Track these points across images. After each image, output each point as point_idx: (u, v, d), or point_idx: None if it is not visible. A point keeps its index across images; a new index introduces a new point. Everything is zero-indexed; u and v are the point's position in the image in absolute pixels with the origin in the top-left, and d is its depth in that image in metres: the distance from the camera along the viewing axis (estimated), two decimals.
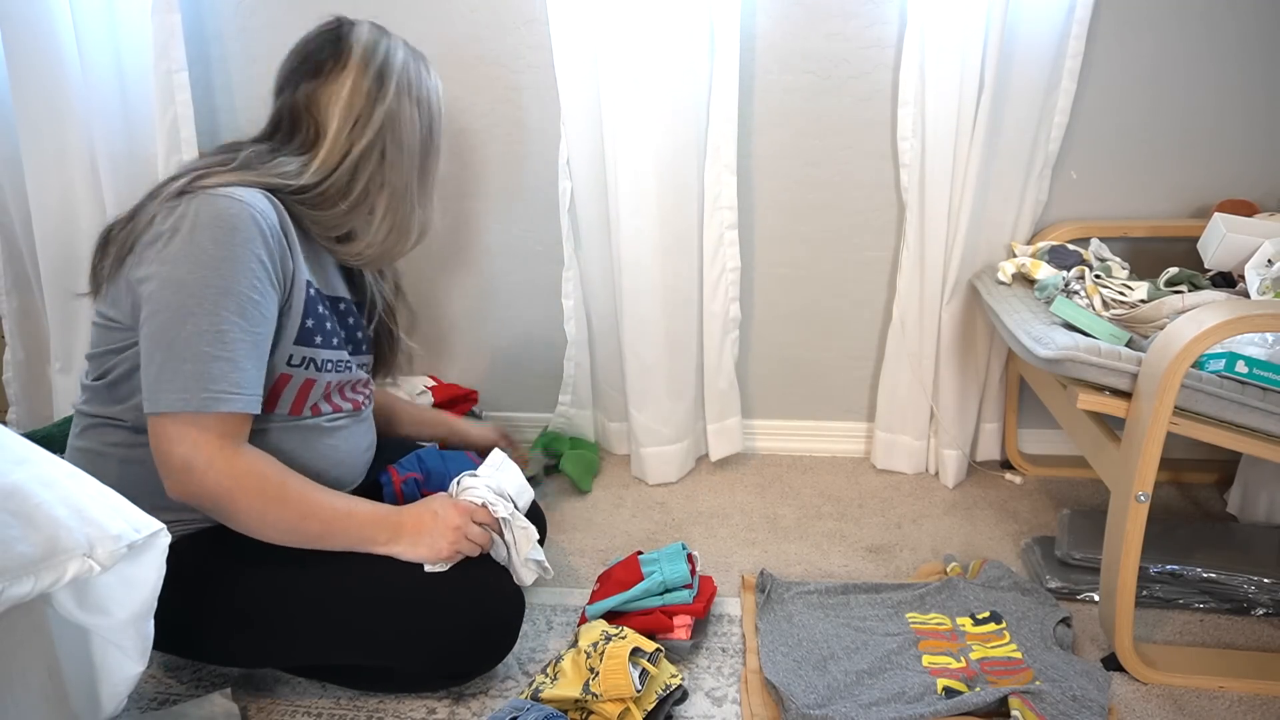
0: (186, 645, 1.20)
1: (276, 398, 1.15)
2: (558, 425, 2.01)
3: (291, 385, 1.16)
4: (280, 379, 1.15)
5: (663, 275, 1.76)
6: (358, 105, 1.19)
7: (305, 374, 1.17)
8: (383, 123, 1.20)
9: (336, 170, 1.18)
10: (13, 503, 0.79)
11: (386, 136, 1.20)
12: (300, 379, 1.17)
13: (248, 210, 1.05)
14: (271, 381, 1.14)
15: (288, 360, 1.15)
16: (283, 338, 1.13)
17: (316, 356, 1.18)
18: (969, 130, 1.62)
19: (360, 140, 1.19)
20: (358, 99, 1.19)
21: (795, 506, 1.79)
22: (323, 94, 1.19)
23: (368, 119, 1.19)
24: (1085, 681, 1.18)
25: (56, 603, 0.84)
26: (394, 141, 1.21)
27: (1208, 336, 1.10)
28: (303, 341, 1.16)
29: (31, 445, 0.88)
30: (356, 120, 1.18)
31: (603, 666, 1.15)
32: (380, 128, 1.20)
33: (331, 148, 1.18)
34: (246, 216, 1.05)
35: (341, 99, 1.18)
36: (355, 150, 1.18)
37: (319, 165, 1.17)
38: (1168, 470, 1.79)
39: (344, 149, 1.18)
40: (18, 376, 2.06)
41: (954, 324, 1.76)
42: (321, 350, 1.19)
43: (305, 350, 1.16)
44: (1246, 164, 1.71)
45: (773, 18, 1.71)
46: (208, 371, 1.02)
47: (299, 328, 1.15)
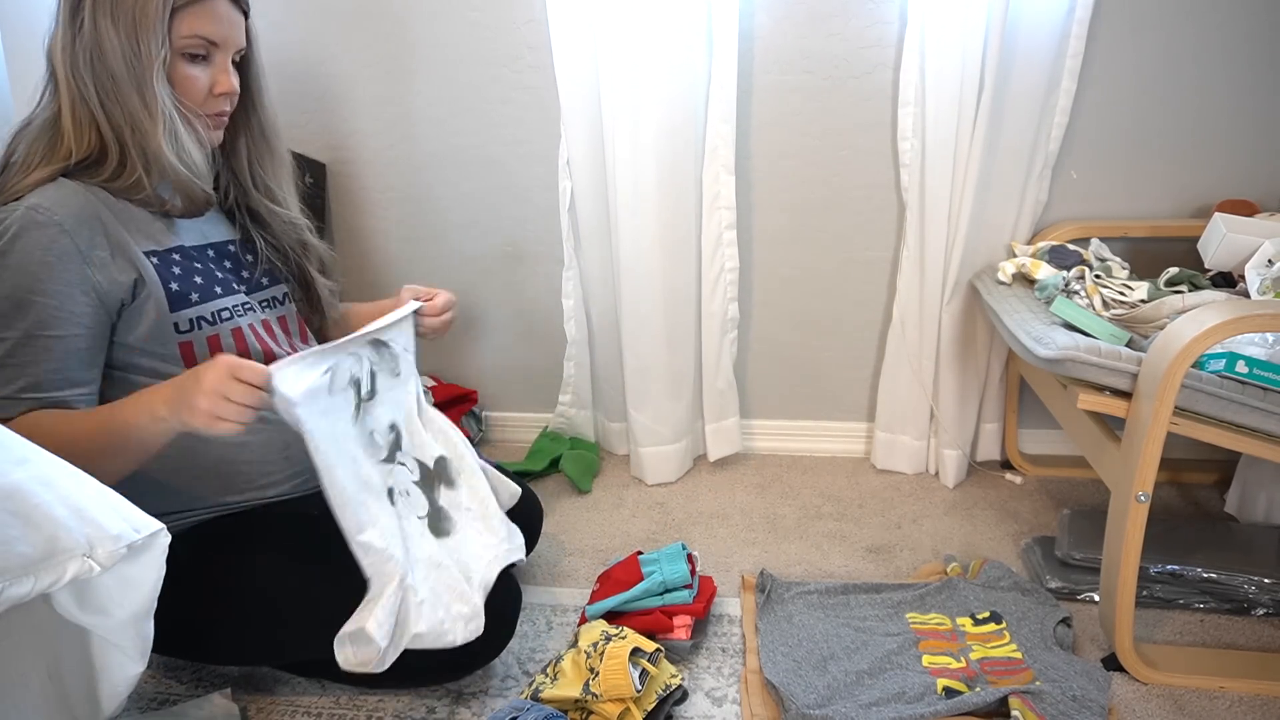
0: (183, 644, 1.20)
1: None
2: (558, 425, 2.01)
3: (199, 350, 1.14)
4: (183, 349, 1.13)
5: (662, 275, 1.76)
6: (66, 41, 1.07)
7: (204, 334, 1.14)
8: (89, 54, 1.06)
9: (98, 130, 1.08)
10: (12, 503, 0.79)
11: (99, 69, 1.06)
12: (202, 340, 1.14)
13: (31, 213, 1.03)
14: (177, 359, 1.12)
15: (176, 328, 1.12)
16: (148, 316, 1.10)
17: (203, 313, 1.15)
18: (969, 130, 1.62)
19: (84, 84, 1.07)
20: (64, 34, 1.07)
21: (795, 506, 1.79)
22: (52, 37, 1.09)
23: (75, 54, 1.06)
24: (1085, 681, 1.18)
25: (56, 603, 0.84)
26: (105, 71, 1.06)
27: (1208, 336, 1.10)
28: (179, 306, 1.13)
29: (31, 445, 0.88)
30: (70, 60, 1.07)
31: (603, 666, 1.15)
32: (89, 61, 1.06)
33: (66, 99, 1.07)
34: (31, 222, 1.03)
35: (56, 39, 1.08)
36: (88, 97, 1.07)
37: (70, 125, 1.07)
38: (1168, 470, 1.79)
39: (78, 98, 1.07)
40: None
41: (954, 324, 1.76)
42: (205, 305, 1.16)
43: (188, 312, 1.14)
44: (1246, 164, 1.71)
45: (773, 17, 1.71)
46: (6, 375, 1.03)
47: (165, 297, 1.12)
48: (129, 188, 1.10)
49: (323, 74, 1.86)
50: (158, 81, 1.08)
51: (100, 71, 1.06)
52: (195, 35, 1.10)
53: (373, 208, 1.96)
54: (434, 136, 1.88)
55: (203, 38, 1.11)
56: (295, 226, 1.32)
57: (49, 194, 1.05)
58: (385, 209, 1.96)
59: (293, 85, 1.87)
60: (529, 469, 1.90)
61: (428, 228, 1.95)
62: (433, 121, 1.87)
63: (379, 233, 1.97)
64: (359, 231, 1.98)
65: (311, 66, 1.85)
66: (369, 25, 1.81)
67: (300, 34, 1.83)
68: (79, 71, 1.07)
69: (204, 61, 1.13)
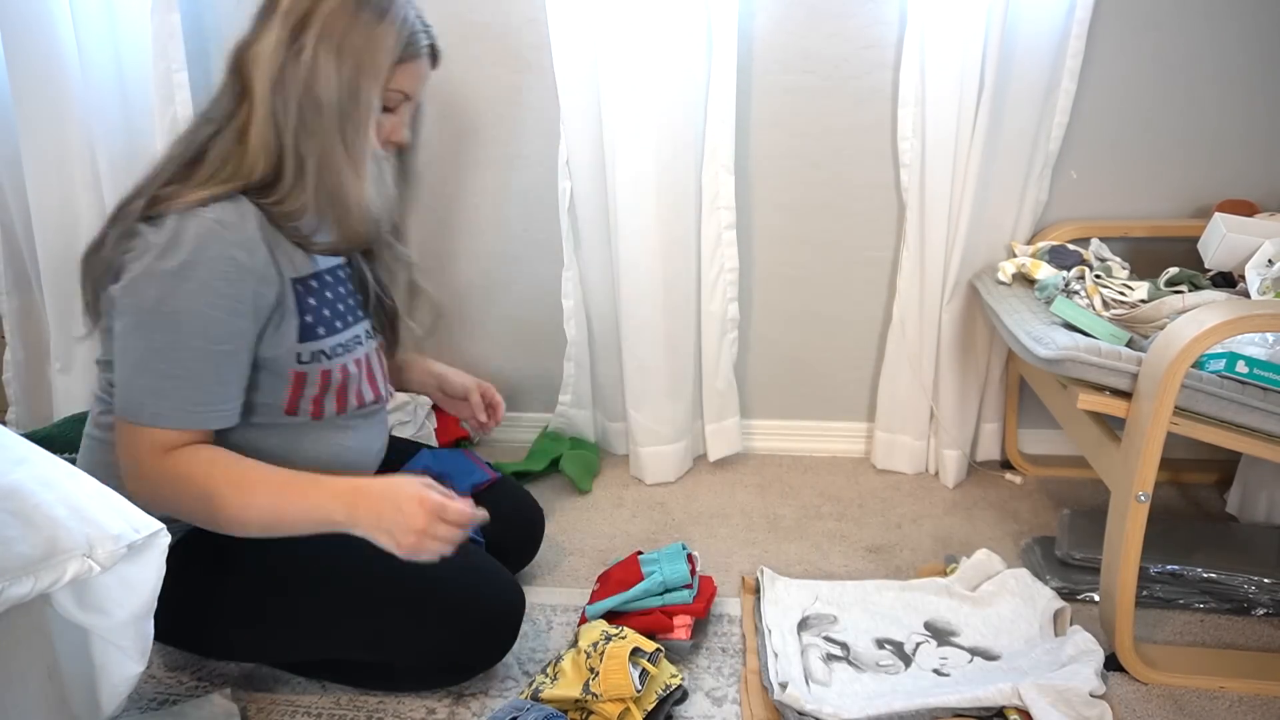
0: (191, 638, 1.21)
1: (297, 398, 1.15)
2: (558, 425, 2.01)
3: (310, 381, 1.16)
4: (296, 378, 1.14)
5: (662, 275, 1.76)
6: (276, 62, 1.05)
7: (319, 366, 1.16)
8: (301, 83, 1.05)
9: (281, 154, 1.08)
10: (12, 503, 0.79)
11: (305, 98, 1.06)
12: (315, 372, 1.16)
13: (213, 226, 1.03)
14: (287, 383, 1.14)
15: (298, 359, 1.14)
16: (283, 341, 1.12)
17: (324, 347, 1.17)
18: (969, 130, 1.62)
19: (283, 107, 1.06)
20: (276, 54, 1.05)
21: (795, 506, 1.79)
22: (251, 48, 1.08)
23: (284, 78, 1.05)
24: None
25: (56, 603, 0.84)
26: (311, 103, 1.06)
27: (1208, 336, 1.10)
28: (308, 338, 1.15)
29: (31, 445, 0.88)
30: (274, 81, 1.05)
31: (603, 666, 1.15)
32: (300, 89, 1.05)
33: (258, 117, 1.07)
34: (210, 237, 1.02)
35: (264, 55, 1.06)
36: (284, 121, 1.06)
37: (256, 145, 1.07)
38: (1168, 470, 1.79)
39: (270, 119, 1.06)
40: (18, 376, 2.05)
41: (954, 324, 1.76)
42: (329, 339, 1.18)
43: (312, 345, 1.16)
44: (1246, 164, 1.71)
45: (773, 18, 1.71)
46: (157, 390, 1.04)
47: (299, 326, 1.14)
48: (288, 214, 1.11)
49: None
50: (370, 127, 1.10)
51: (307, 102, 1.06)
52: (400, 90, 1.13)
53: None
54: (434, 137, 1.88)
55: (404, 93, 1.13)
56: (410, 266, 1.33)
57: (230, 211, 1.05)
58: None
59: None
60: (529, 469, 1.90)
61: (427, 228, 1.95)
62: (432, 122, 1.87)
63: None
64: None
65: None
66: None
67: None
68: (284, 94, 1.06)
69: (392, 112, 1.14)
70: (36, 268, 1.92)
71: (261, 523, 1.06)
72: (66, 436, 1.63)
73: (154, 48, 1.73)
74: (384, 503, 1.05)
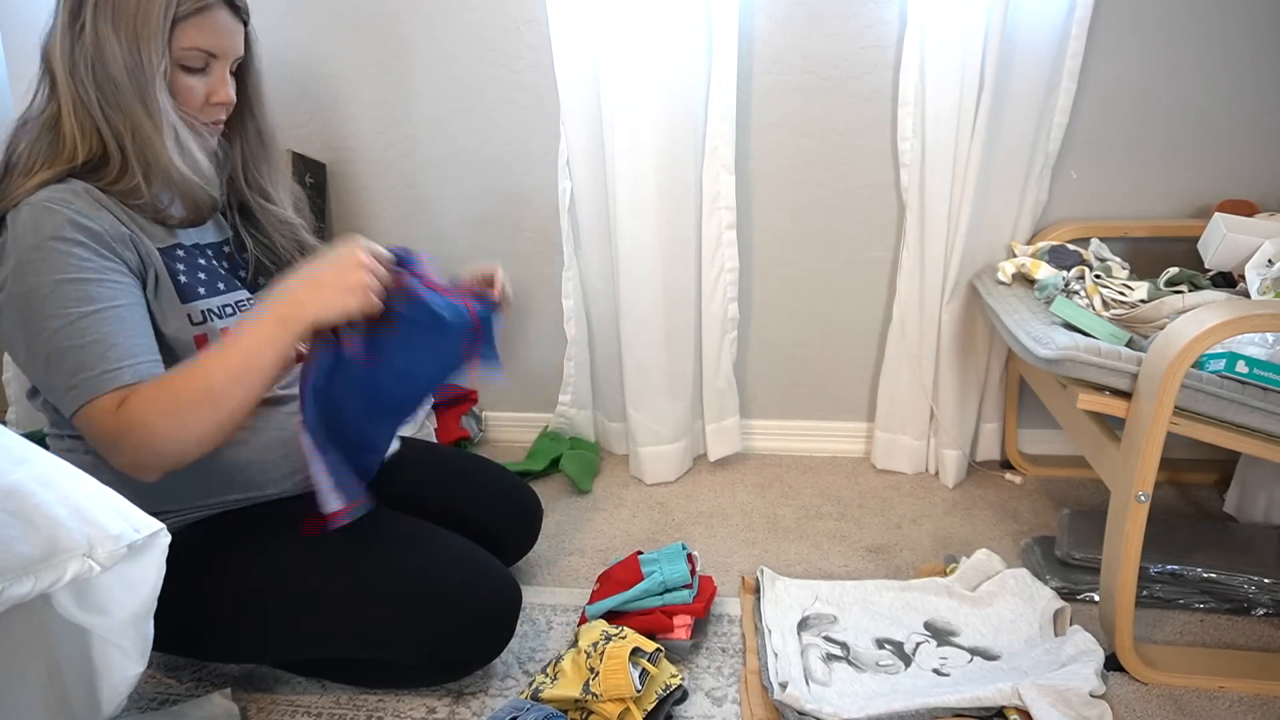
0: (183, 641, 1.20)
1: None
2: (558, 425, 2.01)
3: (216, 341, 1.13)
4: (198, 342, 1.12)
5: (661, 275, 1.76)
6: (66, 45, 1.05)
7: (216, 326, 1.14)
8: (89, 60, 1.04)
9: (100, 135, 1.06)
10: (12, 503, 0.79)
11: (100, 75, 1.05)
12: (215, 333, 1.14)
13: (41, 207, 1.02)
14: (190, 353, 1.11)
15: (190, 320, 1.12)
16: (168, 306, 1.10)
17: (211, 305, 1.15)
18: (969, 130, 1.62)
19: (84, 88, 1.05)
20: (64, 38, 1.05)
21: (795, 506, 1.79)
22: (50, 37, 1.08)
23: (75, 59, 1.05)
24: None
25: (56, 603, 0.84)
26: (106, 78, 1.05)
27: (1208, 336, 1.10)
28: (189, 298, 1.13)
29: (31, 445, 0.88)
30: (70, 64, 1.05)
31: (603, 666, 1.15)
32: (90, 67, 1.04)
33: (67, 102, 1.06)
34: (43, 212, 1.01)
35: (55, 41, 1.06)
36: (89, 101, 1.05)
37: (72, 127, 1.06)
38: (1168, 470, 1.79)
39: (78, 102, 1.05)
40: (18, 376, 2.05)
41: (954, 324, 1.76)
42: (212, 299, 1.15)
43: (199, 304, 1.14)
44: (1246, 164, 1.71)
45: (773, 18, 1.71)
46: (84, 361, 1.00)
47: (175, 287, 1.12)
48: (128, 192, 1.09)
49: (323, 74, 1.86)
50: (160, 91, 1.07)
51: (101, 77, 1.05)
52: (194, 48, 1.09)
53: (373, 208, 1.96)
54: (434, 136, 1.88)
55: (202, 50, 1.10)
56: (290, 225, 1.31)
57: (59, 190, 1.04)
58: (385, 209, 1.96)
59: (293, 85, 1.87)
60: (529, 469, 1.90)
61: (428, 228, 1.95)
62: (433, 121, 1.87)
63: (379, 233, 1.97)
64: (360, 231, 1.97)
65: (311, 67, 1.85)
66: (369, 25, 1.81)
67: (300, 34, 1.83)
68: (79, 75, 1.05)
69: (201, 72, 1.12)
70: None
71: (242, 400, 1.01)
72: None
73: None
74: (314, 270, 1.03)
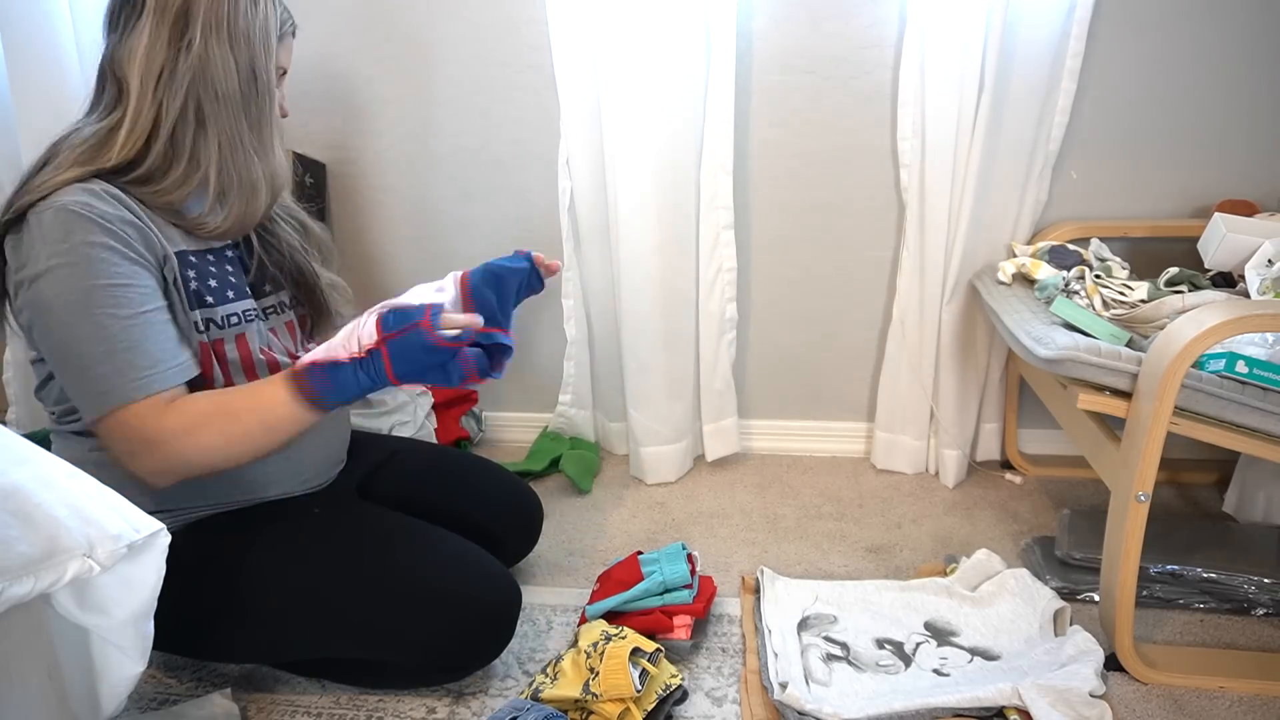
0: (183, 641, 1.20)
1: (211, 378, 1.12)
2: (558, 425, 2.01)
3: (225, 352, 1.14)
4: (202, 350, 1.12)
5: (661, 275, 1.76)
6: (158, 59, 1.06)
7: (213, 336, 1.14)
8: (192, 74, 1.07)
9: (151, 139, 1.08)
10: (13, 503, 0.79)
11: (199, 89, 1.07)
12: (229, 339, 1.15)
13: (68, 211, 1.01)
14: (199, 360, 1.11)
15: (196, 328, 1.12)
16: (176, 312, 1.10)
17: (214, 315, 1.15)
18: (969, 130, 1.62)
19: (170, 100, 1.07)
20: (157, 51, 1.06)
21: (795, 506, 1.79)
22: (121, 50, 1.08)
23: (172, 73, 1.06)
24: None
25: (56, 603, 0.84)
26: (208, 93, 1.08)
27: (1208, 336, 1.10)
28: (195, 305, 1.13)
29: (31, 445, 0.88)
30: (159, 77, 1.06)
31: (603, 666, 1.15)
32: (191, 81, 1.07)
33: (136, 113, 1.07)
34: (70, 217, 1.01)
35: (139, 54, 1.06)
36: (167, 112, 1.07)
37: (126, 136, 1.07)
38: (1167, 470, 1.79)
39: (152, 113, 1.07)
40: (18, 376, 2.05)
41: (954, 324, 1.76)
42: (218, 307, 1.15)
43: (205, 312, 1.14)
44: (1246, 164, 1.71)
45: (773, 18, 1.71)
46: (116, 369, 1.01)
47: (187, 294, 1.12)
48: (156, 192, 1.09)
49: (323, 74, 1.86)
50: (274, 108, 1.16)
51: (203, 94, 1.08)
52: (281, 66, 1.19)
53: (373, 208, 1.96)
54: (434, 136, 1.88)
55: (283, 67, 1.20)
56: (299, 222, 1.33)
57: (81, 194, 1.03)
58: (386, 209, 1.96)
59: (293, 85, 1.86)
60: (529, 469, 1.90)
61: (428, 228, 1.95)
62: (433, 121, 1.87)
63: (380, 233, 1.97)
64: (360, 231, 1.98)
65: (311, 66, 1.85)
66: (369, 26, 1.81)
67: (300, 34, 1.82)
68: (171, 90, 1.07)
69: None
70: None
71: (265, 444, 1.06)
72: None
73: None
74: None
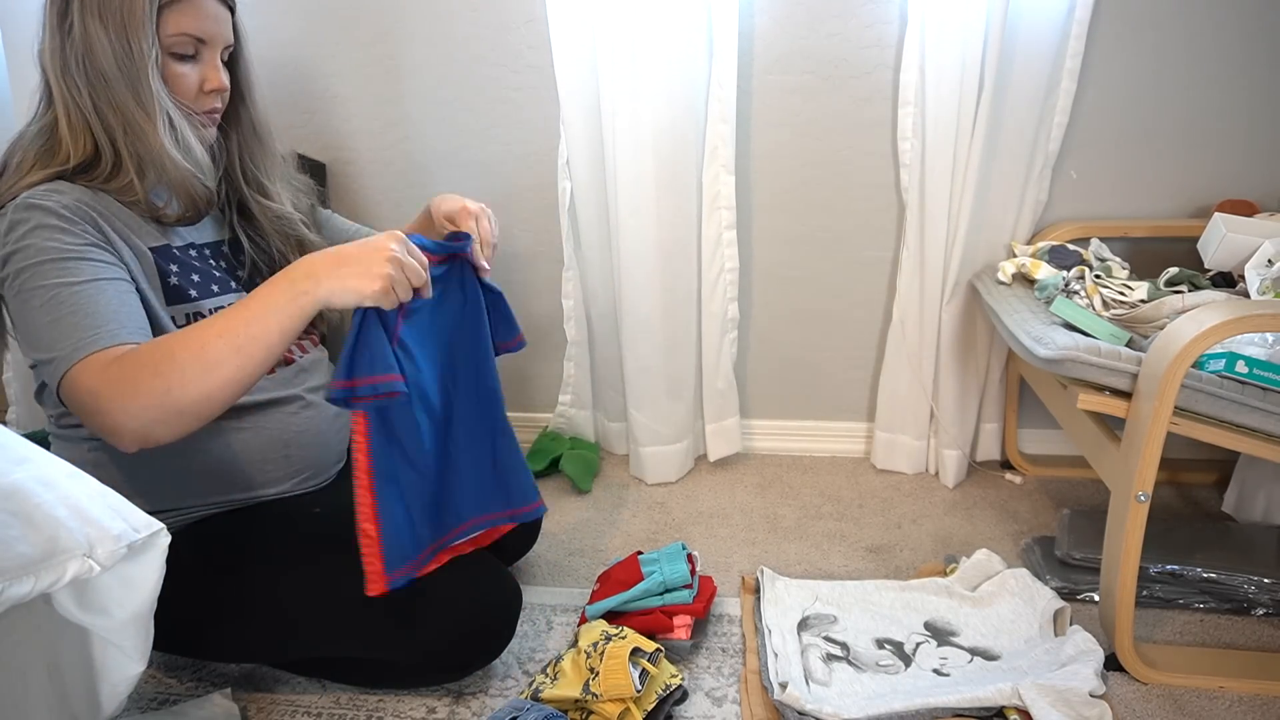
0: (184, 641, 1.20)
1: None
2: (558, 425, 2.01)
3: None
4: None
5: (661, 275, 1.76)
6: (57, 48, 1.05)
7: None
8: (78, 58, 1.04)
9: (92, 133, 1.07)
10: (13, 503, 0.79)
11: (89, 73, 1.05)
12: None
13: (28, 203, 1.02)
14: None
15: (176, 323, 1.11)
16: (151, 307, 1.09)
17: (201, 309, 1.14)
18: (969, 130, 1.62)
19: (74, 89, 1.05)
20: (54, 41, 1.06)
21: (795, 506, 1.79)
22: (40, 46, 1.08)
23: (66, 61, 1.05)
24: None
25: (56, 603, 0.84)
26: (95, 75, 1.05)
27: (1208, 336, 1.10)
28: (176, 300, 1.12)
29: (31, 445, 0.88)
30: (61, 67, 1.06)
31: (603, 666, 1.15)
32: (80, 65, 1.05)
33: (63, 108, 1.06)
34: (28, 206, 1.02)
35: (46, 46, 1.07)
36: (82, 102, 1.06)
37: (67, 132, 1.06)
38: (1167, 470, 1.79)
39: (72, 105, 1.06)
40: (18, 376, 2.05)
41: (954, 324, 1.76)
42: (203, 301, 1.15)
43: (185, 308, 1.13)
44: (1247, 164, 1.71)
45: (773, 18, 1.71)
46: (61, 332, 0.98)
47: (163, 290, 1.11)
48: (121, 189, 1.09)
49: (322, 74, 1.86)
50: (153, 79, 1.07)
51: (92, 74, 1.05)
52: (183, 33, 1.09)
53: (373, 208, 1.96)
54: (434, 136, 1.88)
55: (190, 35, 1.10)
56: (288, 220, 1.30)
57: (43, 189, 1.04)
58: (385, 209, 1.95)
59: (293, 85, 1.87)
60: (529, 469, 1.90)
61: None
62: (433, 121, 1.87)
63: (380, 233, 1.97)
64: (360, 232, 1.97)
65: (311, 66, 1.85)
66: (369, 25, 1.81)
67: (299, 33, 1.83)
68: (71, 76, 1.06)
69: (193, 60, 1.12)
70: None
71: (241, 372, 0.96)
72: None
73: None
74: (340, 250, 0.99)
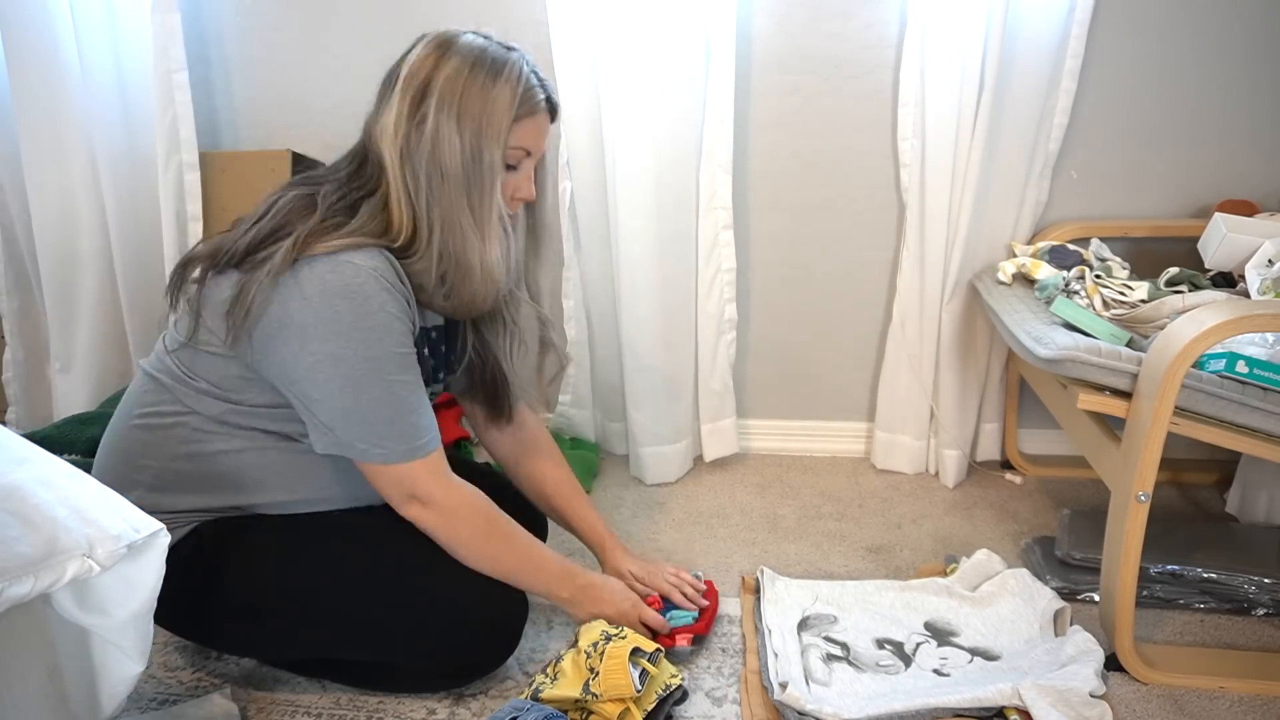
0: (198, 630, 1.22)
1: None
2: (557, 425, 2.01)
3: None
4: None
5: (660, 275, 1.76)
6: (401, 134, 1.06)
7: None
8: (424, 151, 1.06)
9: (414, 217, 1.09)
10: (12, 503, 0.79)
11: (430, 166, 1.06)
12: None
13: (368, 274, 1.04)
14: None
15: None
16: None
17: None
18: (969, 130, 1.62)
19: (412, 178, 1.07)
20: (400, 127, 1.06)
21: (795, 506, 1.79)
22: (376, 125, 1.09)
23: (411, 149, 1.07)
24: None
25: (56, 603, 0.84)
26: (435, 170, 1.06)
27: (1208, 336, 1.10)
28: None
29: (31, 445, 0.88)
30: (402, 154, 1.07)
31: (603, 666, 1.15)
32: (424, 158, 1.06)
33: (397, 191, 1.08)
34: (370, 281, 1.04)
35: (389, 130, 1.07)
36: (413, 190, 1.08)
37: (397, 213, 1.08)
38: (1168, 470, 1.79)
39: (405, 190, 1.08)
40: (18, 376, 2.06)
41: (954, 324, 1.76)
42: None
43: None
44: (1247, 164, 1.71)
45: (773, 18, 1.71)
46: (399, 431, 1.09)
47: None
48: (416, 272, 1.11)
49: (322, 73, 1.86)
50: (496, 190, 1.09)
51: (432, 168, 1.06)
52: (520, 146, 1.11)
53: None
54: None
55: (525, 149, 1.12)
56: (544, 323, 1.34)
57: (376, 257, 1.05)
58: None
59: (293, 84, 1.87)
60: None
61: None
62: None
63: None
64: None
65: (311, 65, 1.85)
66: (369, 25, 1.81)
67: (300, 33, 1.83)
68: (410, 164, 1.07)
69: (513, 169, 1.13)
70: (36, 268, 1.92)
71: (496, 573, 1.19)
72: (66, 437, 1.63)
73: (154, 48, 1.73)
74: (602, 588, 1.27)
